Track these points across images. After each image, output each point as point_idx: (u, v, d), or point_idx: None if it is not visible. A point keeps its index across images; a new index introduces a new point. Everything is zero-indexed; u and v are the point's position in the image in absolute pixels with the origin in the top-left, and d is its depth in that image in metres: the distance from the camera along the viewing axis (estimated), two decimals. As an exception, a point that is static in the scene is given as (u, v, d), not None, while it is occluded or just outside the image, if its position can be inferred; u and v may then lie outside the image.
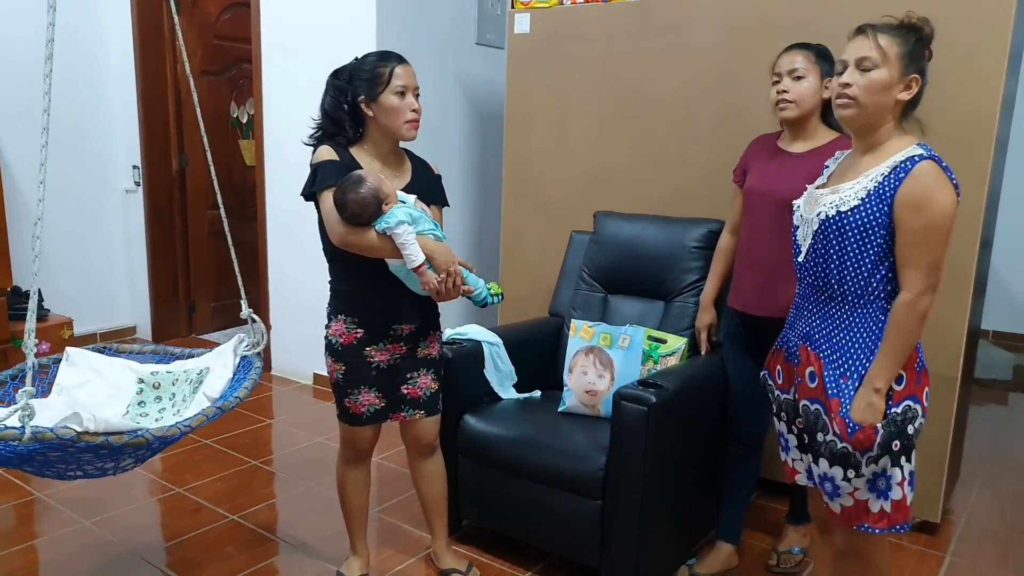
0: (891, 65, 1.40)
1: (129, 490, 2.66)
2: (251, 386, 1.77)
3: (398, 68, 1.78)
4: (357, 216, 1.71)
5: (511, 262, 3.23)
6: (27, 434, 1.28)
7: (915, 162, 1.38)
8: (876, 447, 1.42)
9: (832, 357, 1.48)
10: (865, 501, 1.48)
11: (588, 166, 2.97)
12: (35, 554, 2.25)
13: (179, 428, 1.53)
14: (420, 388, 1.94)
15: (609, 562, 1.98)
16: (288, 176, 3.72)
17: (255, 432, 3.24)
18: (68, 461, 1.47)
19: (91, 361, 1.91)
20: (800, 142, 2.00)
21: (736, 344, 2.13)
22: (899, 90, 1.41)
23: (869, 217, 1.41)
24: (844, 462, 1.46)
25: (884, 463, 1.44)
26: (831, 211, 1.46)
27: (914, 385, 1.44)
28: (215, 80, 4.43)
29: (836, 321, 1.48)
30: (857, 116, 1.44)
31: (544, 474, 2.06)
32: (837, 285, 1.47)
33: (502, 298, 1.86)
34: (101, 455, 1.46)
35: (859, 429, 1.41)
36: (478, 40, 3.86)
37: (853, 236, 1.42)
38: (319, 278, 2.09)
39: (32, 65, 3.90)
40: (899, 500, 1.46)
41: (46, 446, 1.34)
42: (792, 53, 1.96)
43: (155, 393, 1.90)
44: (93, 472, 1.56)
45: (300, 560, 2.24)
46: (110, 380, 1.89)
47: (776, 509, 2.54)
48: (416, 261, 1.70)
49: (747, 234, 2.06)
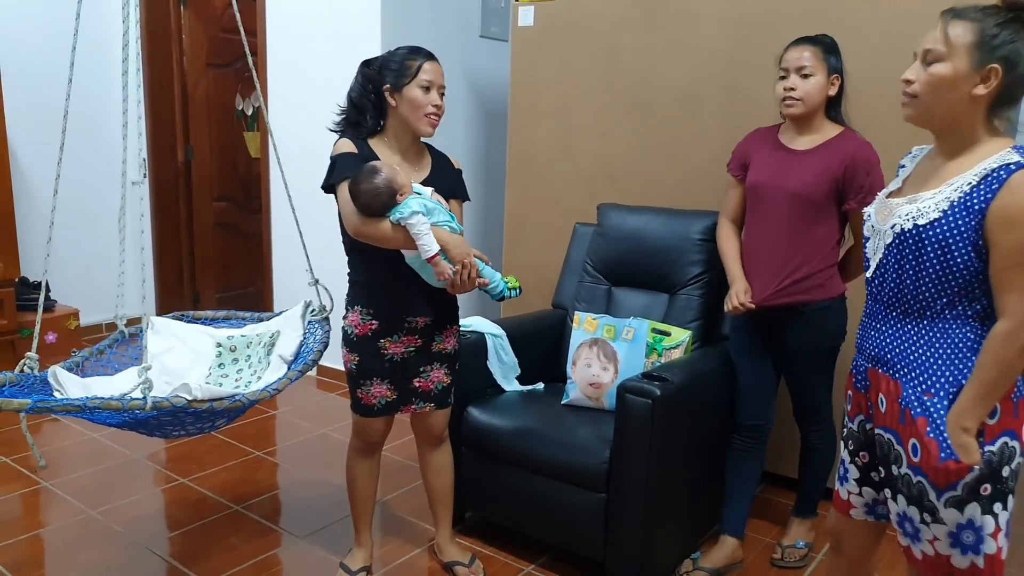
0: (958, 56, 1.20)
1: (134, 480, 2.67)
2: (323, 349, 1.97)
3: (427, 64, 1.80)
4: (369, 206, 1.72)
5: (515, 254, 3.23)
6: (149, 404, 1.48)
7: (1011, 171, 1.17)
8: (961, 488, 1.23)
9: (911, 375, 1.29)
10: (947, 556, 1.27)
11: (592, 158, 2.96)
12: (41, 543, 2.27)
13: (268, 392, 1.71)
14: (432, 381, 1.94)
15: (613, 555, 1.97)
16: (293, 168, 3.72)
17: (260, 423, 3.25)
18: (175, 424, 1.67)
19: (173, 328, 2.06)
20: (805, 137, 1.98)
21: (743, 337, 2.12)
22: (973, 84, 1.21)
23: (953, 232, 1.21)
24: (920, 502, 1.27)
25: (972, 511, 1.23)
26: (907, 224, 1.27)
27: (1010, 418, 1.23)
28: (221, 72, 4.43)
29: (913, 338, 1.30)
30: (920, 116, 1.27)
31: (548, 467, 2.06)
32: (914, 302, 1.29)
33: (520, 291, 1.84)
34: (202, 417, 1.65)
35: (953, 458, 1.22)
36: (482, 33, 3.85)
37: (933, 253, 1.24)
38: (324, 270, 2.09)
39: (40, 60, 3.92)
40: (993, 554, 1.25)
41: (161, 412, 1.53)
42: (800, 48, 1.93)
43: (232, 356, 2.03)
44: (193, 431, 1.75)
45: (304, 551, 2.25)
46: (191, 345, 2.02)
47: (780, 503, 2.53)
48: (430, 251, 1.70)
49: (754, 229, 2.05)
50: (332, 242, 1.92)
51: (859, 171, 1.87)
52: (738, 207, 2.14)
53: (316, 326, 2.07)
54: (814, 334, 1.98)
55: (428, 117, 1.81)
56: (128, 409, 1.46)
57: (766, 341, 2.08)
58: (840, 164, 1.90)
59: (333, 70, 3.51)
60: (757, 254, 2.03)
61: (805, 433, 2.17)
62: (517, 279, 1.84)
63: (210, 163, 4.47)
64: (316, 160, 1.94)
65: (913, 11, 2.15)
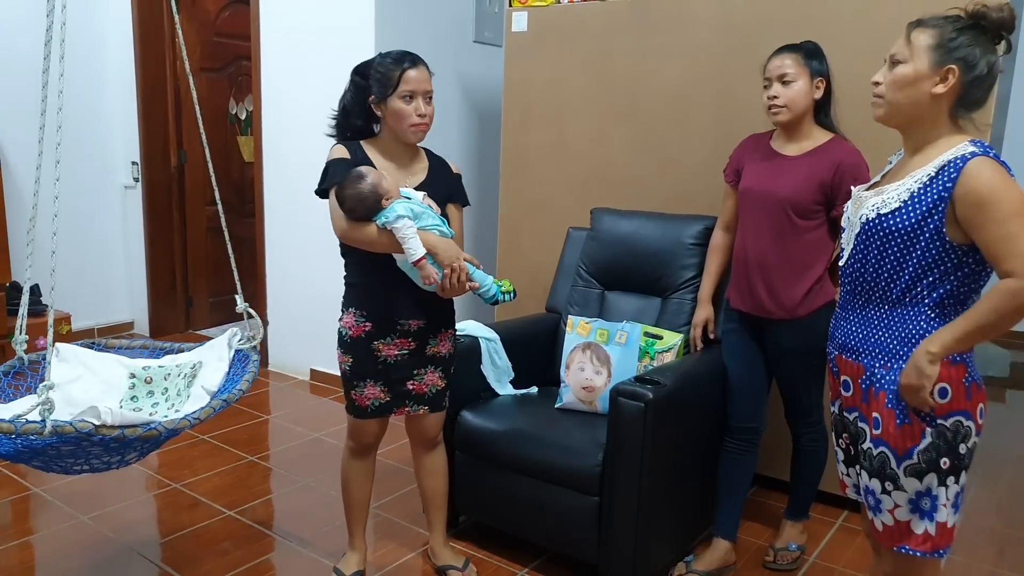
0: (918, 58, 1.31)
1: (126, 485, 2.66)
2: (251, 379, 1.80)
3: (408, 72, 1.78)
4: (354, 211, 1.75)
5: (509, 258, 3.23)
6: (48, 428, 1.30)
7: (966, 160, 1.27)
8: (917, 456, 1.33)
9: (871, 354, 1.39)
10: (907, 522, 1.38)
11: (585, 163, 2.97)
12: (31, 549, 2.25)
13: (188, 421, 1.55)
14: (426, 385, 1.94)
15: (606, 558, 1.98)
16: (286, 172, 3.72)
17: (252, 428, 3.24)
18: (78, 456, 1.49)
19: (81, 356, 1.91)
20: (795, 144, 2.01)
21: (735, 339, 2.13)
22: (933, 83, 1.31)
23: (913, 221, 1.31)
24: (881, 472, 1.38)
25: (930, 481, 1.34)
26: (871, 213, 1.37)
27: (963, 400, 1.33)
28: (214, 77, 4.43)
29: (874, 323, 1.40)
30: (886, 115, 1.37)
31: (541, 470, 2.06)
32: (876, 289, 1.39)
33: (514, 295, 1.84)
34: (111, 449, 1.48)
35: (907, 424, 1.33)
36: (476, 38, 3.86)
37: (894, 240, 1.34)
38: (316, 274, 2.10)
39: (32, 62, 3.90)
40: (943, 522, 1.36)
41: (63, 440, 1.35)
42: (781, 56, 1.96)
43: (147, 388, 1.90)
44: (99, 466, 1.57)
45: (297, 556, 2.24)
46: (101, 375, 1.89)
47: (773, 505, 2.54)
48: (415, 254, 1.71)
49: (744, 235, 2.07)
50: (327, 246, 1.92)
51: (847, 177, 1.89)
52: (733, 215, 2.17)
53: (244, 355, 1.93)
54: (805, 337, 2.00)
55: (413, 127, 1.80)
56: (22, 433, 1.27)
57: (758, 343, 2.10)
58: (828, 170, 1.92)
59: (327, 75, 3.51)
60: (749, 261, 2.04)
61: (797, 435, 2.18)
62: (511, 282, 1.84)
63: (203, 167, 4.45)
64: (310, 164, 1.94)
65: (901, 18, 2.17)
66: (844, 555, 2.28)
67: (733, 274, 2.13)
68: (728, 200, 2.18)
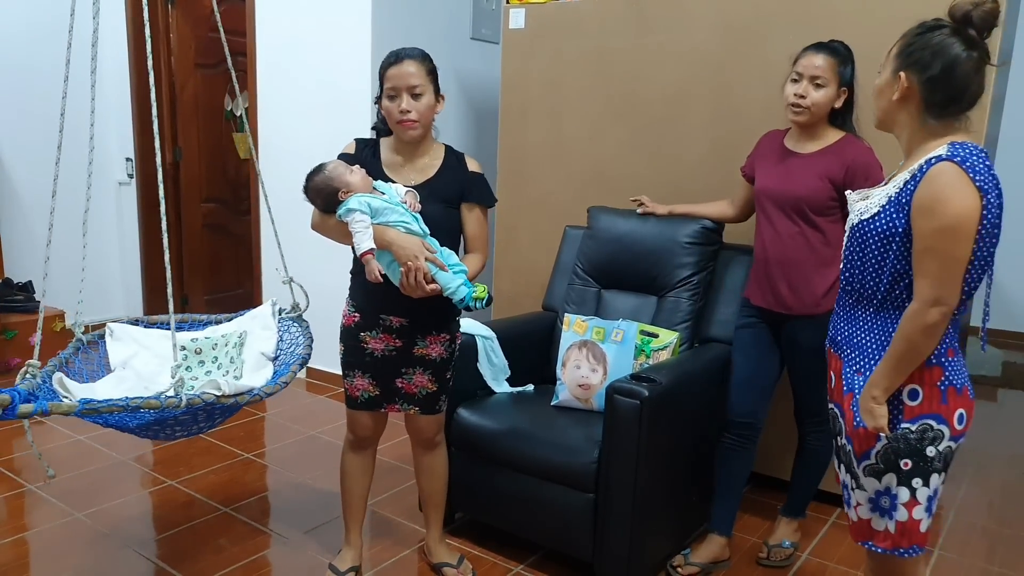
0: (886, 67, 1.37)
1: (122, 482, 2.65)
2: (310, 343, 2.01)
3: (390, 70, 1.78)
4: (313, 201, 1.82)
5: (505, 256, 3.24)
6: (184, 401, 1.49)
7: (931, 164, 1.28)
8: (875, 457, 1.37)
9: (851, 356, 1.44)
10: (868, 520, 1.42)
11: (583, 161, 2.97)
12: (26, 546, 2.25)
13: (279, 385, 1.74)
14: (415, 386, 1.94)
15: (601, 555, 1.99)
16: (282, 169, 3.71)
17: (249, 425, 3.24)
18: (186, 424, 1.68)
19: (133, 334, 2.02)
20: (808, 142, 2.03)
21: (750, 334, 2.14)
22: (893, 91, 1.35)
23: (888, 224, 1.33)
24: (850, 468, 1.42)
25: (888, 481, 1.37)
26: (855, 219, 1.42)
27: (936, 404, 1.34)
28: (209, 73, 4.41)
29: (860, 323, 1.43)
30: (878, 123, 1.42)
31: (537, 467, 2.07)
32: (863, 291, 1.41)
33: (487, 303, 1.75)
34: (214, 415, 1.68)
35: (862, 426, 1.38)
36: (473, 35, 3.86)
37: (873, 244, 1.36)
38: (312, 271, 2.10)
39: (27, 58, 3.88)
40: (904, 522, 1.37)
41: (188, 411, 1.54)
42: (815, 56, 1.94)
43: (198, 358, 2.02)
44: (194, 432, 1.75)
45: (292, 552, 2.25)
46: (154, 350, 1.99)
47: (767, 503, 2.55)
48: (360, 248, 1.71)
49: (763, 234, 2.09)
50: (324, 243, 1.92)
51: (858, 176, 1.90)
52: (741, 199, 2.28)
53: (292, 324, 2.10)
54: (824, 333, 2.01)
55: (400, 124, 1.80)
56: (166, 407, 1.47)
57: (774, 339, 2.11)
58: (841, 169, 1.94)
59: (323, 72, 3.51)
60: (768, 259, 2.06)
61: (804, 434, 2.19)
62: (487, 288, 1.76)
63: (198, 164, 4.45)
64: (306, 161, 1.94)
65: (899, 18, 2.18)
66: (837, 552, 2.30)
67: (753, 271, 2.15)
68: (740, 189, 2.27)
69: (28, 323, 3.72)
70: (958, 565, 2.26)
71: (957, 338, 1.38)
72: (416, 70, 1.77)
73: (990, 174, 1.26)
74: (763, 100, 2.45)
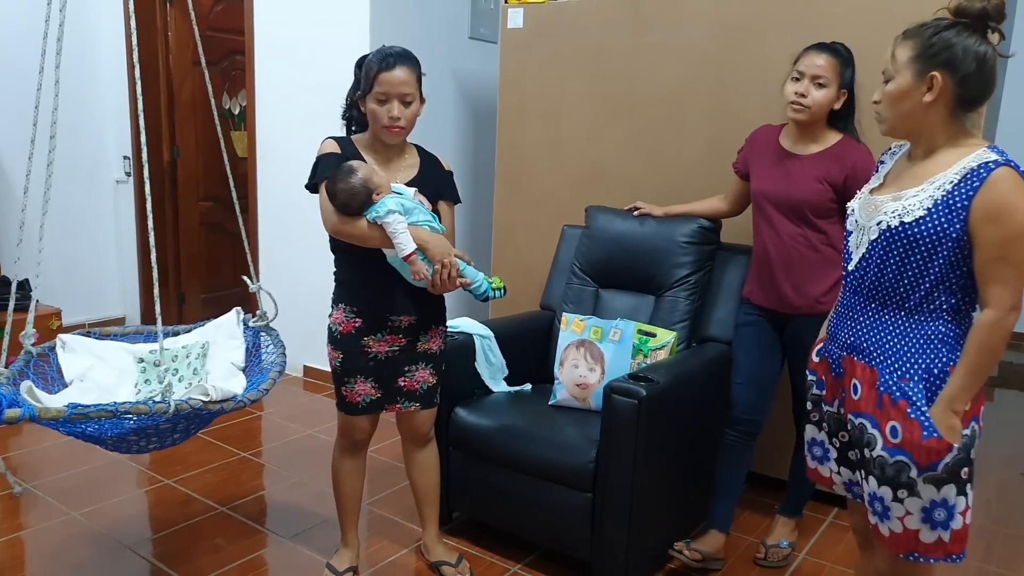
0: (902, 72, 1.33)
1: (118, 482, 2.65)
2: (283, 351, 2.00)
3: (384, 75, 1.75)
4: (347, 205, 1.74)
5: (503, 255, 3.24)
6: (172, 408, 1.48)
7: (990, 169, 1.25)
8: (942, 469, 1.31)
9: (887, 363, 1.37)
10: (916, 531, 1.35)
11: (581, 160, 2.97)
12: (22, 546, 2.24)
13: (261, 392, 1.74)
14: (417, 382, 1.94)
15: (599, 554, 1.99)
16: (280, 167, 3.70)
17: (245, 424, 3.23)
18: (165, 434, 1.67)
19: (88, 346, 1.96)
20: (805, 144, 2.03)
21: (753, 333, 2.14)
22: (921, 93, 1.31)
23: (938, 229, 1.29)
24: (894, 481, 1.34)
25: (947, 492, 1.32)
26: (894, 221, 1.34)
27: (976, 406, 1.34)
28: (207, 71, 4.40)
29: (890, 328, 1.38)
30: (890, 130, 1.39)
31: (535, 467, 2.07)
32: (894, 295, 1.37)
33: (504, 292, 1.83)
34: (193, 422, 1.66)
35: (935, 436, 1.30)
36: (471, 34, 3.85)
37: (918, 248, 1.32)
38: (310, 270, 2.10)
39: (24, 57, 3.87)
40: (959, 530, 1.34)
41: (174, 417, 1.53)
42: (817, 55, 1.94)
43: (156, 371, 1.93)
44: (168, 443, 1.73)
45: (290, 552, 2.24)
46: (112, 362, 1.93)
47: (766, 503, 2.56)
48: (406, 250, 1.71)
49: (763, 234, 2.09)
50: (321, 242, 1.92)
51: (860, 181, 1.89)
52: (733, 195, 2.28)
53: (260, 333, 2.04)
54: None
55: (385, 129, 1.79)
56: (155, 413, 1.46)
57: (778, 337, 2.11)
58: (841, 174, 1.94)
59: (322, 70, 3.50)
60: (768, 260, 2.06)
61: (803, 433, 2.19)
62: (501, 279, 1.84)
63: (196, 162, 4.44)
64: (304, 159, 1.94)
65: (896, 17, 2.18)
66: (834, 551, 2.30)
67: (754, 271, 2.15)
68: (733, 185, 2.26)
69: (24, 321, 3.70)
70: (955, 564, 2.26)
71: None
72: (408, 78, 1.77)
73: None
74: (760, 99, 2.45)
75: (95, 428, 1.53)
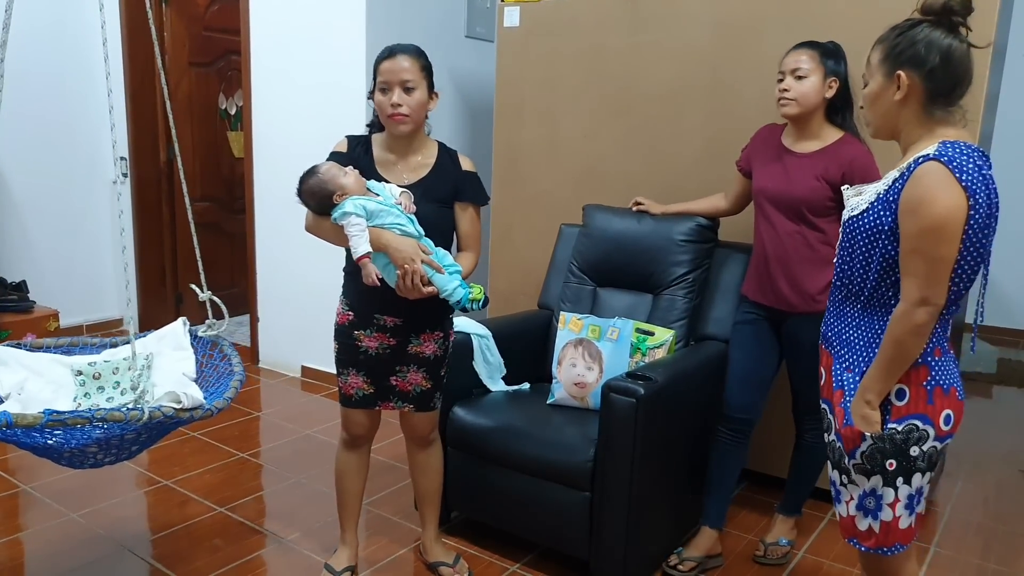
0: (874, 74, 1.37)
1: (116, 483, 2.64)
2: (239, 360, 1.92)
3: (383, 63, 1.79)
4: (307, 204, 1.79)
5: (501, 255, 3.24)
6: (145, 415, 1.45)
7: (918, 163, 1.28)
8: (861, 456, 1.37)
9: (841, 352, 1.44)
10: (853, 517, 1.43)
11: (578, 159, 2.97)
12: (21, 547, 2.24)
13: (225, 400, 1.68)
14: (410, 384, 1.94)
15: (597, 553, 1.99)
16: (277, 167, 3.70)
17: (243, 425, 3.23)
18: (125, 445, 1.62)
19: (20, 359, 1.85)
20: (805, 141, 2.03)
21: (750, 331, 2.14)
22: (891, 93, 1.35)
23: (875, 221, 1.34)
24: (839, 465, 1.43)
25: (875, 482, 1.37)
26: (846, 215, 1.43)
27: (923, 404, 1.34)
28: (203, 72, 4.39)
29: (848, 319, 1.43)
30: (874, 131, 1.42)
31: (533, 466, 2.07)
32: (851, 286, 1.42)
33: (483, 304, 1.77)
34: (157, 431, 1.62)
35: (849, 425, 1.38)
36: (468, 33, 3.85)
37: (861, 240, 1.37)
38: (307, 270, 2.10)
39: (20, 60, 3.86)
40: (889, 522, 1.38)
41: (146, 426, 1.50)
42: (798, 52, 1.99)
43: (96, 384, 1.89)
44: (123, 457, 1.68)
45: (288, 552, 2.24)
46: (46, 376, 1.85)
47: (763, 501, 2.56)
48: (357, 252, 1.71)
49: (762, 232, 2.09)
50: (318, 242, 1.92)
51: (856, 176, 1.90)
52: (735, 194, 2.28)
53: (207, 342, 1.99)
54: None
55: (390, 118, 1.80)
56: (129, 420, 1.43)
57: (775, 335, 2.11)
58: (838, 171, 1.94)
59: (317, 70, 3.50)
60: (767, 258, 2.06)
61: (802, 431, 2.19)
62: (483, 290, 1.77)
63: (193, 163, 4.43)
64: (301, 159, 1.93)
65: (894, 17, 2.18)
66: (832, 549, 2.30)
67: (752, 269, 2.15)
68: (735, 183, 2.27)
69: (22, 323, 3.71)
70: (954, 562, 2.27)
71: (946, 338, 1.37)
72: (409, 64, 1.78)
73: (979, 173, 1.25)
74: (757, 98, 2.45)
75: (60, 438, 1.49)
